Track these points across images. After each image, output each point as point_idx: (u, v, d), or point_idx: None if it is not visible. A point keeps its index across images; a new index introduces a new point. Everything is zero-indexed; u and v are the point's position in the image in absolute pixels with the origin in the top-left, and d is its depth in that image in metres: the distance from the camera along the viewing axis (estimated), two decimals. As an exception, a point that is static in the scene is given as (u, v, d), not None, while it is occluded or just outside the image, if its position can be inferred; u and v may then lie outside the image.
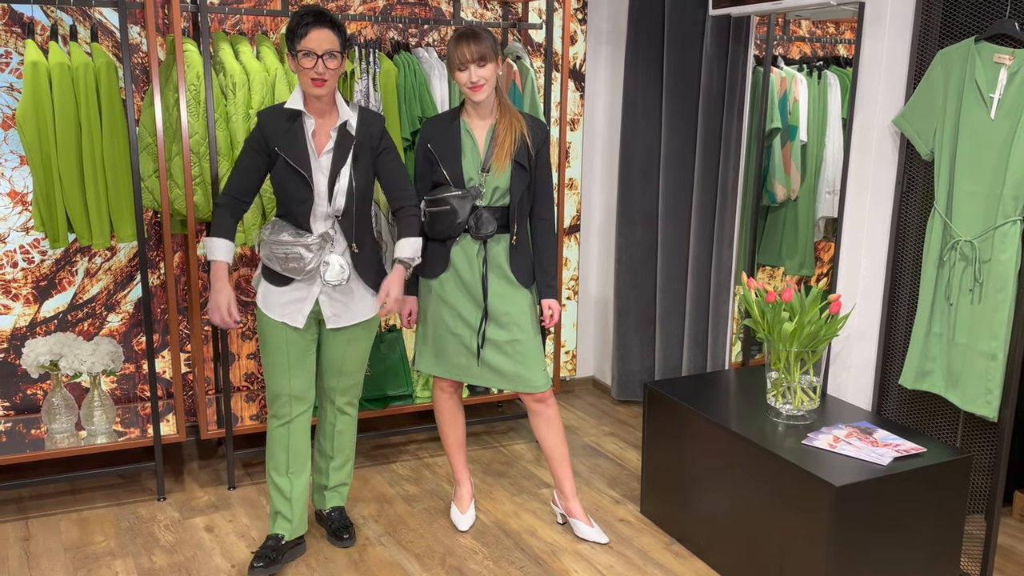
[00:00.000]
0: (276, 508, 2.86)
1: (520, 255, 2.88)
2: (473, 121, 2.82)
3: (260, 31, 3.64)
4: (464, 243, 2.83)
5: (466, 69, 2.70)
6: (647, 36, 3.99)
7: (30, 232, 3.49)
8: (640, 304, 4.25)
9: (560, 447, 3.02)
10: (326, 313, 2.74)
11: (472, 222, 2.79)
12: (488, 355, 2.89)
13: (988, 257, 2.57)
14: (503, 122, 2.79)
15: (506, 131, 2.78)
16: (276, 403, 2.80)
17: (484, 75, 2.70)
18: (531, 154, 2.82)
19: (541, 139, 2.85)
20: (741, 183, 3.79)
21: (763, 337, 2.88)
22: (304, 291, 2.71)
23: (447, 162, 2.79)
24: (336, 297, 2.73)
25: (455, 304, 2.87)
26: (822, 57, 3.86)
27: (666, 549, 3.03)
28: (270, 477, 2.85)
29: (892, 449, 2.59)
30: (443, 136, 2.82)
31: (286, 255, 2.63)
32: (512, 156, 2.78)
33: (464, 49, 2.68)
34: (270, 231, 2.69)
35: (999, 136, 2.54)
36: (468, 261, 2.84)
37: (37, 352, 3.20)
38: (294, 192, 2.64)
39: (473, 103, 2.78)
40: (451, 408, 3.09)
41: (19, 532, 3.07)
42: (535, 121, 2.87)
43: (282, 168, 2.64)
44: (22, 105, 2.96)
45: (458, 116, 2.84)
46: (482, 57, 2.68)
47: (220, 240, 2.66)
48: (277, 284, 2.71)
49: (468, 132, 2.81)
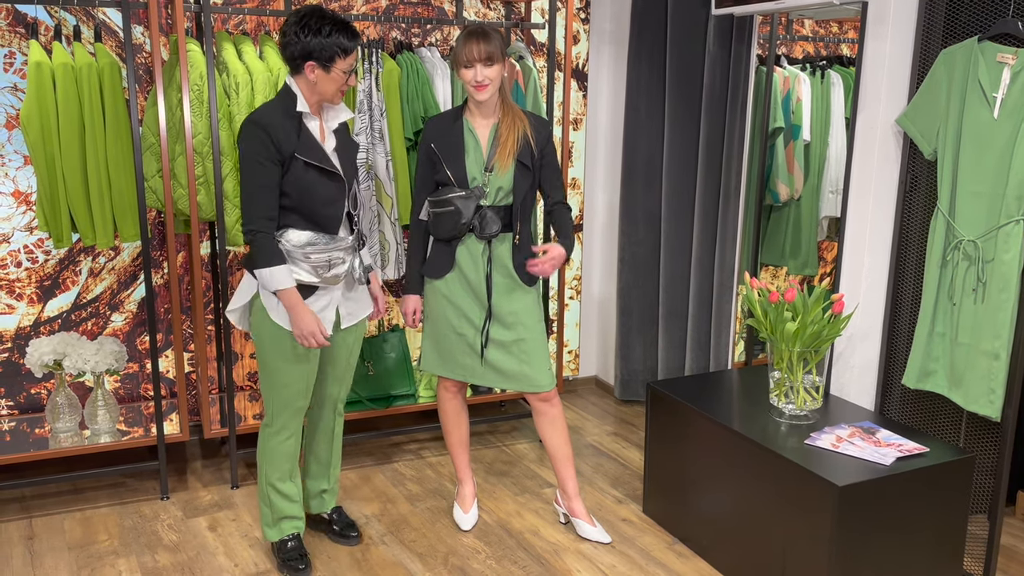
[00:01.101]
0: (283, 514, 2.82)
1: (523, 254, 2.87)
2: (476, 120, 2.81)
3: (263, 31, 3.64)
4: (469, 243, 2.82)
5: (472, 67, 2.68)
6: (650, 36, 3.98)
7: (34, 232, 3.50)
8: (643, 304, 4.25)
9: (564, 447, 3.02)
10: (342, 313, 2.70)
11: (476, 222, 2.77)
12: (492, 355, 2.89)
13: (991, 257, 2.57)
14: (506, 121, 2.78)
15: (509, 130, 2.77)
16: (286, 417, 2.71)
17: (490, 75, 2.69)
18: (534, 152, 2.81)
19: (545, 137, 2.85)
20: (744, 183, 3.79)
21: (766, 337, 2.87)
22: (327, 297, 2.63)
23: (450, 162, 2.78)
24: (349, 295, 2.71)
25: (460, 304, 2.87)
26: (825, 56, 3.85)
27: (668, 549, 3.03)
28: (272, 487, 2.78)
29: (895, 449, 2.58)
30: (446, 136, 2.80)
31: (329, 261, 2.53)
32: (515, 155, 2.77)
33: (473, 47, 2.66)
34: (297, 240, 2.53)
35: (1002, 136, 2.53)
36: (473, 261, 2.83)
37: (41, 351, 3.21)
38: (321, 195, 2.53)
39: (476, 102, 2.76)
40: (455, 408, 3.09)
41: (23, 531, 3.08)
42: (538, 119, 2.87)
43: (303, 171, 2.50)
44: (26, 105, 2.97)
45: (461, 115, 2.83)
46: (490, 57, 2.67)
47: (278, 268, 2.49)
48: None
49: (471, 131, 2.80)
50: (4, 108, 3.38)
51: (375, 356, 3.77)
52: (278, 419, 2.72)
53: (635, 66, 4.04)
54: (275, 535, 2.84)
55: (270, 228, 2.51)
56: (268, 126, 2.47)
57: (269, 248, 2.49)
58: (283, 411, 2.70)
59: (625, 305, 4.27)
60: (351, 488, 3.43)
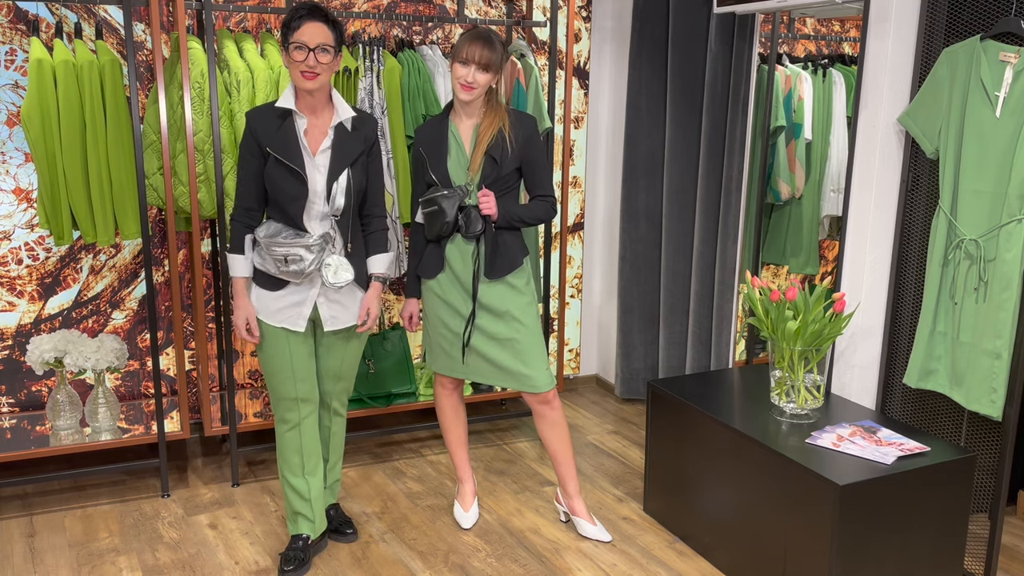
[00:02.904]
0: (296, 510, 2.85)
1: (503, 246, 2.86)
2: (460, 121, 2.84)
3: (264, 29, 3.64)
4: (458, 242, 2.85)
5: (468, 66, 2.71)
6: (651, 34, 3.98)
7: (35, 229, 3.50)
8: (644, 302, 4.25)
9: (564, 448, 3.02)
10: (324, 315, 2.71)
11: (462, 221, 2.80)
12: (482, 346, 2.89)
13: (993, 256, 2.57)
14: (485, 121, 2.80)
15: (486, 130, 2.79)
16: (282, 408, 2.77)
17: (480, 80, 2.72)
18: (509, 148, 2.80)
19: (526, 134, 2.83)
20: (745, 181, 3.78)
21: (767, 336, 2.87)
22: (302, 294, 2.67)
23: (434, 163, 2.82)
24: (334, 298, 2.71)
25: (452, 302, 2.89)
26: (827, 55, 3.85)
27: (669, 547, 3.03)
28: (285, 480, 2.84)
29: (896, 448, 2.58)
30: (432, 138, 2.85)
31: (285, 256, 2.58)
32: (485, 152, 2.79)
33: (475, 49, 2.70)
34: (265, 231, 2.62)
35: (1004, 135, 2.53)
36: (463, 259, 2.86)
37: (42, 349, 3.21)
38: (287, 190, 2.59)
39: (460, 101, 2.79)
40: (451, 405, 3.10)
41: (24, 528, 3.08)
42: (521, 117, 2.86)
43: (274, 167, 2.58)
44: (27, 102, 2.97)
45: (447, 117, 2.86)
46: (487, 65, 2.71)
47: (237, 256, 2.66)
48: (271, 288, 2.66)
49: (454, 133, 2.83)
50: (5, 105, 3.38)
51: (376, 354, 3.77)
52: (276, 410, 2.79)
53: (636, 64, 4.04)
54: (292, 529, 2.89)
55: (245, 217, 2.67)
56: (253, 118, 2.61)
57: (236, 236, 2.67)
58: (277, 401, 2.78)
59: (626, 303, 4.27)
60: (351, 486, 3.43)
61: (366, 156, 2.69)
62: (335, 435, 2.95)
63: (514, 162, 2.82)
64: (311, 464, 2.82)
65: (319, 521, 2.87)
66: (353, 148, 2.65)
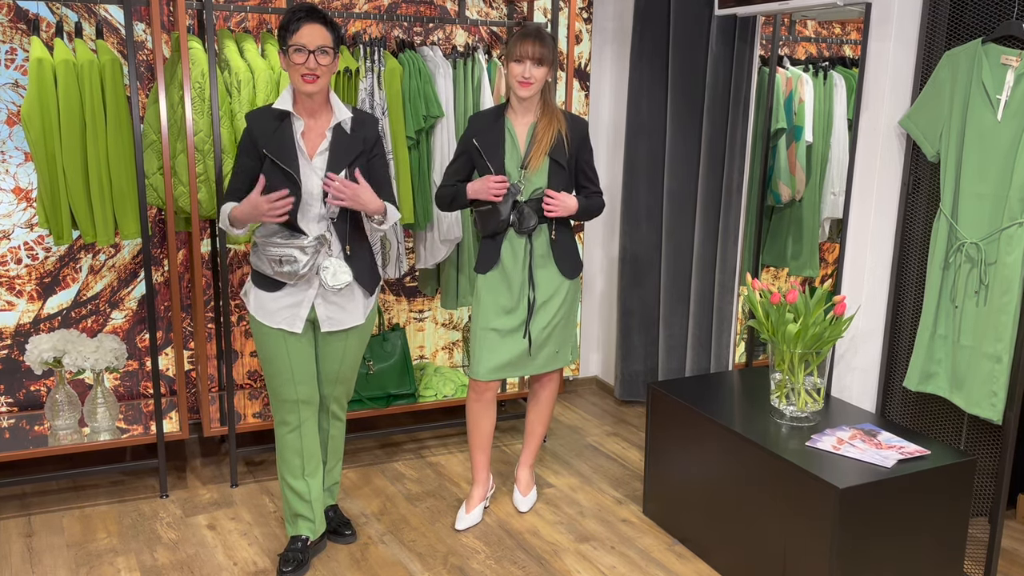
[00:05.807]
0: (296, 511, 2.84)
1: (560, 248, 2.96)
2: (516, 119, 2.91)
3: (265, 29, 3.64)
4: (511, 238, 2.93)
5: (523, 63, 2.79)
6: (652, 35, 3.98)
7: (34, 229, 3.50)
8: (644, 304, 4.25)
9: (541, 428, 3.26)
10: (321, 316, 2.70)
11: (515, 218, 2.88)
12: (541, 337, 3.01)
13: (994, 259, 2.57)
14: (543, 121, 2.88)
15: (545, 130, 2.87)
16: (282, 410, 2.76)
17: (537, 75, 2.81)
18: (568, 152, 2.90)
19: (580, 136, 2.94)
20: (746, 183, 3.78)
21: (767, 338, 2.87)
22: (299, 295, 2.67)
23: (490, 157, 2.89)
24: (332, 300, 2.70)
25: (500, 300, 2.97)
26: (828, 57, 3.85)
27: (668, 550, 3.02)
28: (284, 481, 2.83)
29: (896, 451, 2.58)
30: (488, 132, 2.91)
31: (279, 257, 2.58)
32: (547, 153, 2.87)
33: (528, 46, 2.78)
34: (262, 232, 2.64)
35: (1005, 138, 2.53)
36: (515, 255, 2.94)
37: (41, 348, 3.21)
38: (278, 191, 2.57)
39: (518, 99, 2.87)
40: (491, 414, 3.13)
41: (22, 528, 3.08)
42: (575, 120, 2.96)
43: (269, 168, 2.58)
44: (27, 102, 2.96)
45: (503, 114, 2.93)
46: (541, 59, 2.80)
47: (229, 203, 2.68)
48: (269, 290, 2.66)
49: (510, 130, 2.91)
50: (5, 104, 3.38)
51: (375, 355, 3.76)
52: (277, 412, 2.79)
53: (637, 66, 4.04)
54: (291, 530, 2.88)
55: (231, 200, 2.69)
56: (251, 119, 2.64)
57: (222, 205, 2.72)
58: (277, 404, 2.77)
59: (626, 305, 4.26)
60: (351, 487, 3.43)
61: (367, 156, 2.68)
62: (334, 439, 2.94)
63: (571, 162, 2.93)
64: (311, 466, 2.82)
65: (319, 522, 2.87)
66: (351, 149, 2.64)
